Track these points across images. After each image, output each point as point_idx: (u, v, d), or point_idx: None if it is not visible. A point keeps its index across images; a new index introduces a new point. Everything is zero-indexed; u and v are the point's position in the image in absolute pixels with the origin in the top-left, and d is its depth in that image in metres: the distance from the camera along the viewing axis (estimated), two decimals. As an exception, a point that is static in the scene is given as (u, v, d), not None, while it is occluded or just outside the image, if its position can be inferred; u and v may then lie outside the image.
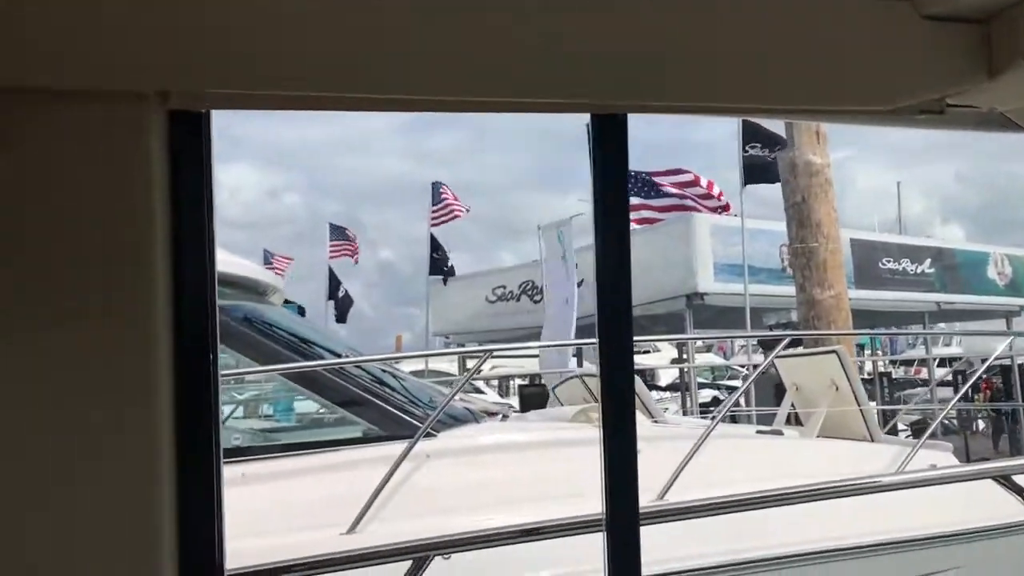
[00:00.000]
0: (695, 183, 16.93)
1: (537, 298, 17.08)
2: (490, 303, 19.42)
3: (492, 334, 18.52)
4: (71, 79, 1.10)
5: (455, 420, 4.70)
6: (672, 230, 16.02)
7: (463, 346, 19.74)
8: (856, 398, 5.25)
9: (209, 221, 1.21)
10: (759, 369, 6.32)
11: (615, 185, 1.30)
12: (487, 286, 19.72)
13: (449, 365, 17.70)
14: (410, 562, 2.91)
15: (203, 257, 1.22)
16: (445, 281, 21.54)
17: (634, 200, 17.08)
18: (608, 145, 1.28)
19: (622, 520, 1.33)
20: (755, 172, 15.19)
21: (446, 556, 3.83)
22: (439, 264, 21.98)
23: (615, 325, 1.31)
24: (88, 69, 1.10)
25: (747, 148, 15.17)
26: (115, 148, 1.14)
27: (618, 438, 1.33)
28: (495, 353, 7.06)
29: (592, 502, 3.75)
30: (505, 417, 5.37)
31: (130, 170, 1.15)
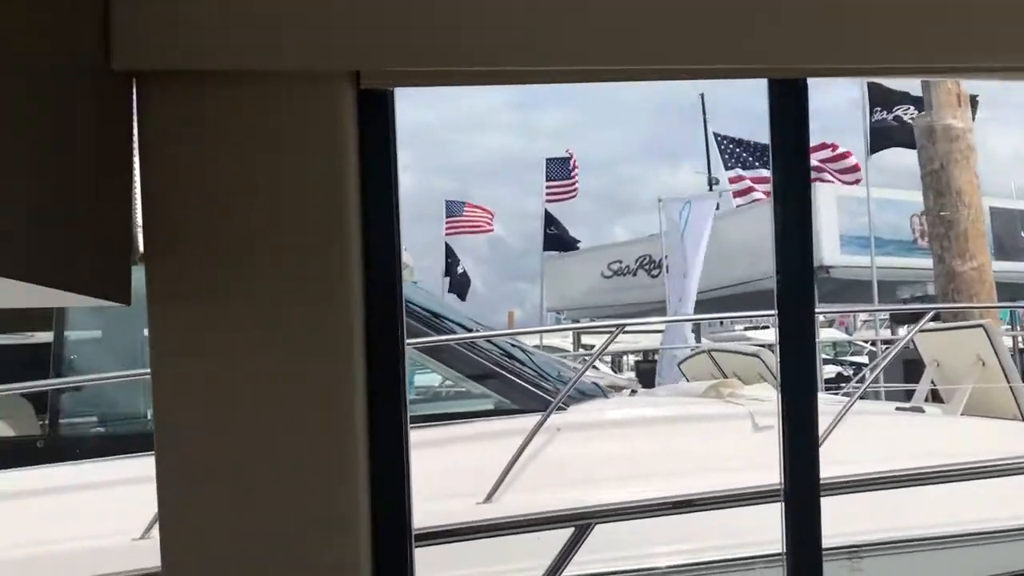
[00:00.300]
0: (838, 156, 16.31)
1: (655, 273, 16.90)
2: (606, 278, 19.31)
3: (608, 309, 18.44)
4: (269, 61, 1.14)
5: (583, 395, 4.73)
6: (795, 202, 15.50)
7: (577, 322, 19.76)
8: (1006, 374, 5.00)
9: (395, 199, 1.25)
10: (901, 342, 6.10)
11: (795, 155, 1.27)
12: (603, 261, 19.61)
13: (562, 340, 17.74)
14: (572, 529, 2.96)
15: (391, 234, 1.27)
16: (565, 250, 21.45)
17: (762, 173, 16.65)
18: (787, 113, 1.25)
19: (802, 490, 1.31)
20: (883, 138, 14.53)
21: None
22: (553, 239, 22.00)
23: (796, 294, 1.29)
24: (285, 51, 1.14)
25: (873, 113, 14.51)
26: (311, 129, 1.19)
27: (799, 406, 1.31)
28: (598, 328, 7.05)
29: (732, 477, 3.72)
30: (633, 392, 5.36)
31: (325, 151, 1.19)
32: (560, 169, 22.52)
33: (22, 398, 5.24)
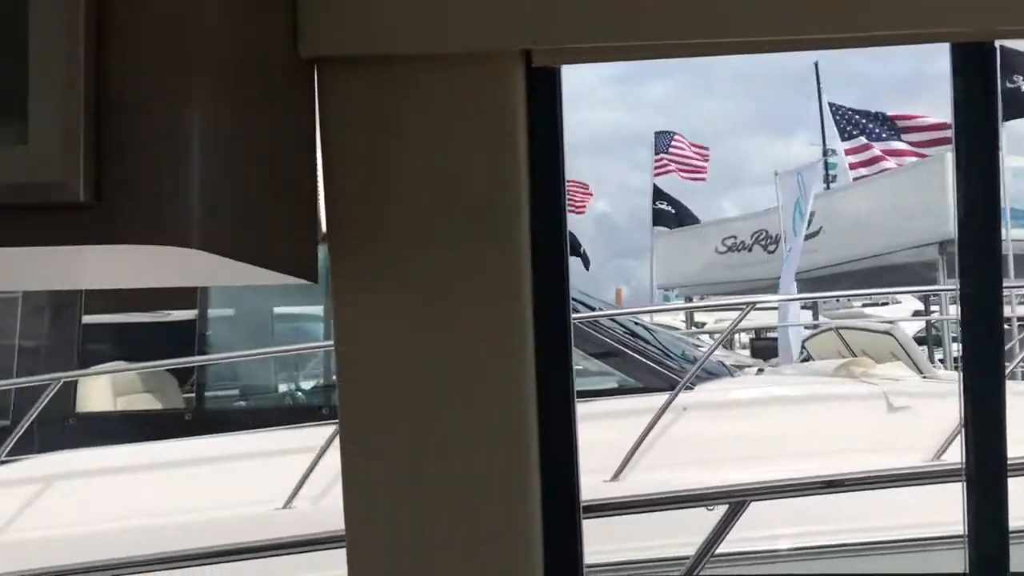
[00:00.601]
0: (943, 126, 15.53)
1: (771, 248, 16.46)
2: (720, 254, 18.92)
3: (722, 286, 18.09)
4: (442, 44, 1.16)
5: (709, 374, 4.67)
6: (921, 173, 14.84)
7: (690, 299, 19.45)
8: None
9: (562, 179, 1.26)
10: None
11: (983, 125, 1.21)
12: (716, 236, 19.21)
13: (673, 318, 17.52)
14: (726, 506, 2.95)
15: (559, 216, 1.28)
16: (674, 226, 21.10)
17: (893, 145, 15.99)
18: (973, 79, 1.20)
19: (987, 470, 1.26)
20: (1016, 106, 13.71)
21: (710, 508, 3.85)
22: (661, 215, 21.70)
23: (981, 268, 1.24)
24: (457, 33, 1.16)
25: (1012, 80, 13.69)
26: (482, 111, 1.20)
27: (984, 384, 1.26)
28: (726, 307, 6.92)
29: (871, 459, 3.61)
30: (760, 371, 5.26)
31: (496, 132, 1.21)
32: (668, 144, 22.14)
33: (168, 373, 5.54)
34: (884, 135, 15.71)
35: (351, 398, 1.21)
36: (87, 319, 5.27)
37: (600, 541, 3.65)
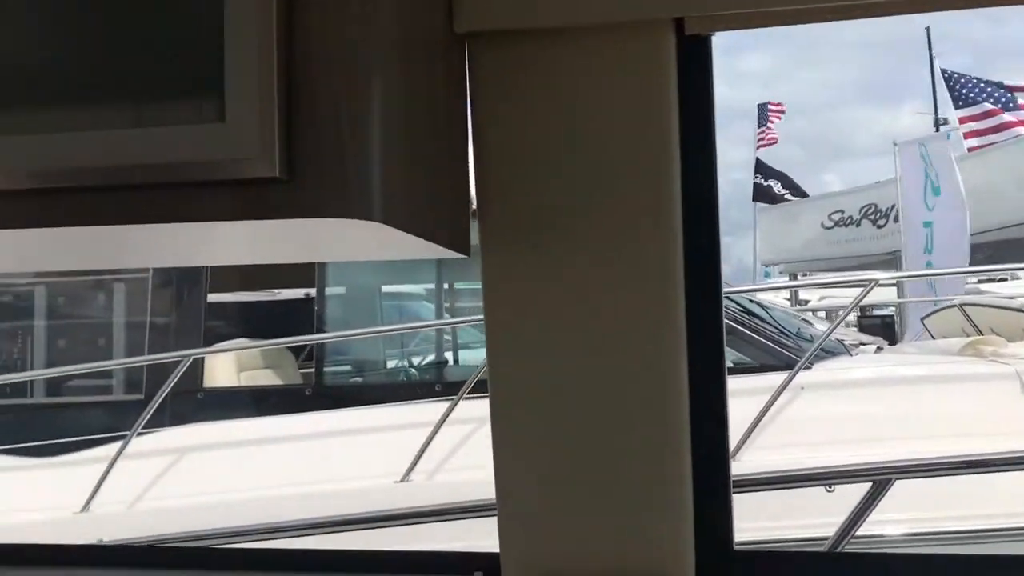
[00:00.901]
0: None
1: (882, 223, 15.86)
2: (826, 229, 18.33)
3: (827, 263, 17.55)
4: (595, 14, 1.15)
5: (827, 352, 4.54)
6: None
7: (794, 276, 18.94)
8: None
9: (713, 148, 1.23)
10: None
11: None
12: (821, 211, 18.61)
13: (774, 297, 17.08)
14: (870, 484, 2.89)
15: (711, 186, 1.25)
16: (774, 201, 20.61)
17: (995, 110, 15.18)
18: None
19: None
20: None
21: (830, 489, 3.75)
22: (762, 190, 21.15)
23: None
24: (609, 2, 1.14)
25: None
26: (633, 80, 1.19)
27: None
28: (844, 283, 6.70)
29: (1009, 442, 3.45)
30: (879, 349, 5.09)
31: (647, 101, 1.19)
32: (765, 115, 21.53)
33: (287, 350, 5.73)
34: (1003, 103, 14.88)
35: (499, 370, 1.21)
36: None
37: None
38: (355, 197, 0.82)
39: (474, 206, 1.25)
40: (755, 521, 3.25)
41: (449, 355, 5.91)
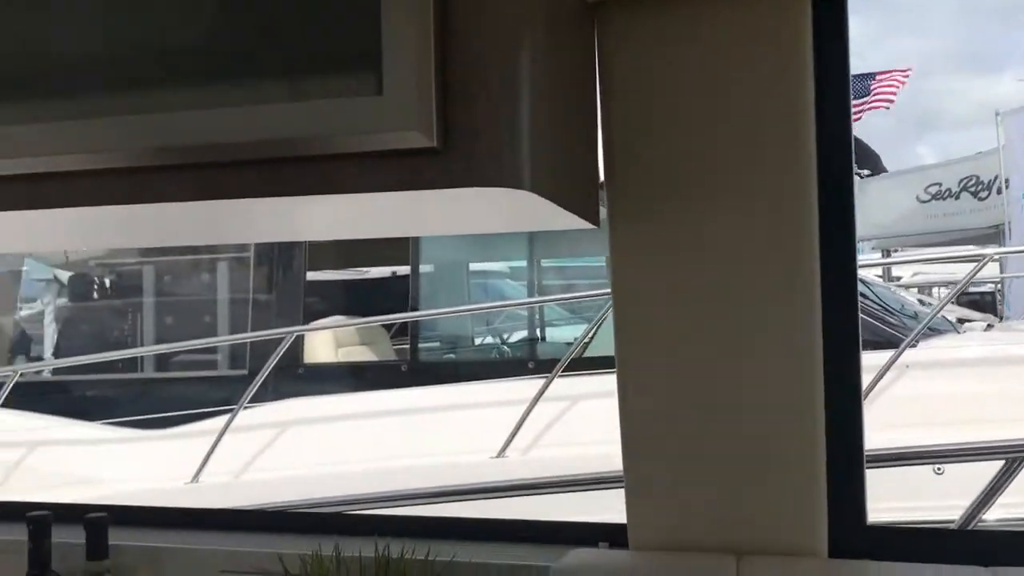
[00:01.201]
0: None
1: (983, 195, 15.19)
2: (921, 203, 17.66)
3: (922, 237, 16.91)
4: None
5: (933, 330, 4.38)
6: None
7: (888, 252, 18.34)
8: None
9: (848, 113, 1.19)
10: None
11: None
12: (916, 184, 17.92)
13: (865, 273, 16.55)
14: (1002, 462, 2.83)
15: (846, 152, 1.22)
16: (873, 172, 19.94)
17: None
18: None
19: None
20: None
21: (939, 471, 3.63)
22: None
23: None
24: None
25: None
26: (765, 47, 1.16)
27: None
28: (951, 258, 6.44)
29: None
30: (989, 327, 4.88)
31: (780, 69, 1.16)
32: (863, 86, 20.77)
33: (381, 328, 5.83)
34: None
35: (626, 340, 1.20)
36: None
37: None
38: (507, 166, 0.83)
39: (601, 177, 1.24)
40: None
41: (537, 332, 5.94)
